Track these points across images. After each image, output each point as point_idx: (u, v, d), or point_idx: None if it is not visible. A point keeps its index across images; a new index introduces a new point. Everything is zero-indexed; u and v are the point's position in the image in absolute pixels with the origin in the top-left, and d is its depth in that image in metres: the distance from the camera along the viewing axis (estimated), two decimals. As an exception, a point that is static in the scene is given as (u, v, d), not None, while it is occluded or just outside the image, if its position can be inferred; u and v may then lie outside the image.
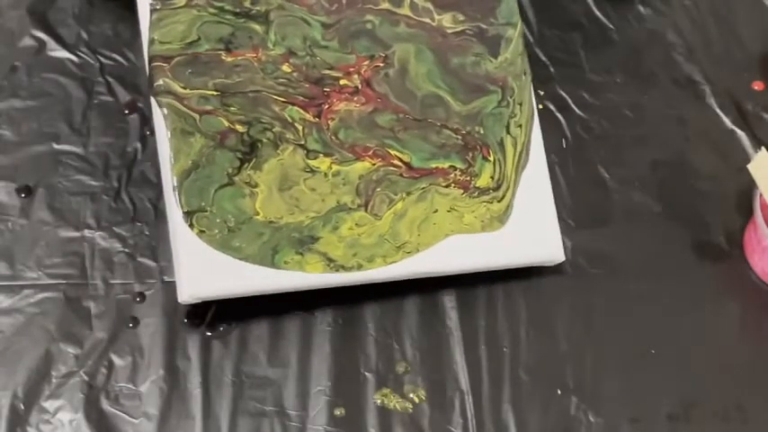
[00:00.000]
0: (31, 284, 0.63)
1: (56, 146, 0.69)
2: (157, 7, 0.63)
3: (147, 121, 0.70)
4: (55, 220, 0.66)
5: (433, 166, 0.65)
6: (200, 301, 0.60)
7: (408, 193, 0.64)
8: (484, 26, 0.69)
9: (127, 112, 0.71)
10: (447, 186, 0.65)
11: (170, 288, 0.64)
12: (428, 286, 0.66)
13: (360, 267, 0.62)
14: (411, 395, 0.62)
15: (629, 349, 0.65)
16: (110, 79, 0.72)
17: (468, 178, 0.65)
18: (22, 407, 0.59)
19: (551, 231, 0.67)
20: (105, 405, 0.60)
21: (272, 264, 0.60)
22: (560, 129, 0.75)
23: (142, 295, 0.64)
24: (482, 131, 0.67)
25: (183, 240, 0.59)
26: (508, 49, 0.69)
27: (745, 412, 0.64)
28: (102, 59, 0.73)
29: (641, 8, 0.82)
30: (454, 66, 0.68)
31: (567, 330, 0.66)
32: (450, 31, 0.69)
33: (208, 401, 0.61)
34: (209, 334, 0.63)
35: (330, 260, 0.61)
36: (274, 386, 0.62)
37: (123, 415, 0.60)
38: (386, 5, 0.68)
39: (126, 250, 0.65)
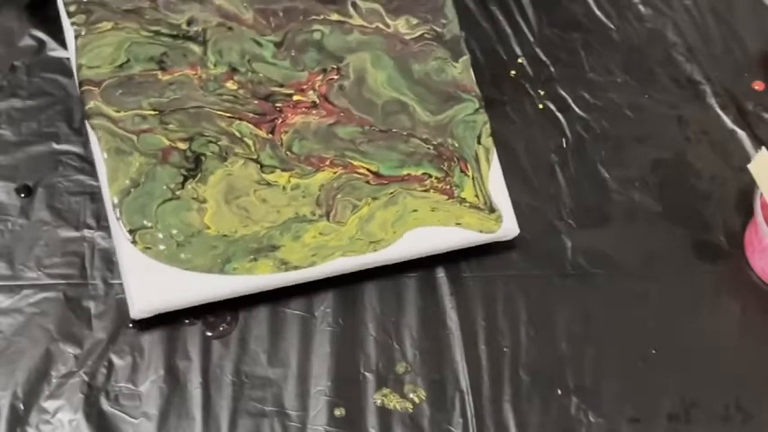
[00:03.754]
0: (30, 284, 0.63)
1: (56, 146, 0.69)
2: (82, 33, 0.63)
3: (146, 120, 0.70)
4: (55, 220, 0.66)
5: (405, 173, 0.64)
6: (151, 314, 0.60)
7: (374, 198, 0.63)
8: (438, 29, 0.68)
9: (127, 111, 0.71)
10: (425, 191, 0.64)
11: (170, 288, 0.64)
12: (429, 286, 0.66)
13: (312, 264, 0.61)
14: (411, 395, 0.62)
15: (629, 349, 0.65)
16: (110, 79, 0.72)
17: (449, 187, 0.64)
18: (22, 407, 0.59)
19: (505, 207, 0.66)
20: (105, 405, 0.60)
21: (222, 272, 0.60)
22: (560, 129, 0.75)
23: (142, 295, 0.63)
24: (456, 144, 0.66)
25: (129, 257, 0.59)
26: (465, 48, 0.69)
27: (745, 412, 0.64)
28: (101, 59, 0.73)
29: (641, 8, 0.82)
30: (419, 75, 0.67)
31: (567, 330, 0.66)
32: (408, 37, 0.67)
33: (208, 401, 0.61)
34: (210, 334, 0.63)
35: (284, 263, 0.61)
36: (274, 386, 0.62)
37: (123, 415, 0.60)
38: (335, 17, 0.66)
39: (126, 250, 0.65)
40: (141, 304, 0.59)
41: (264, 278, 0.60)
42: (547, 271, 0.68)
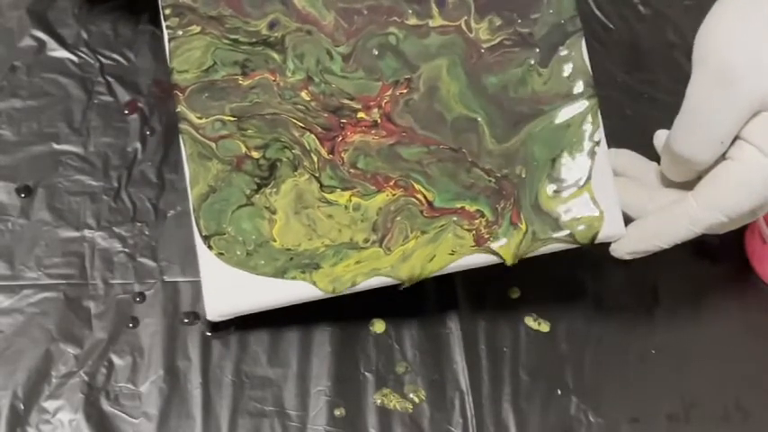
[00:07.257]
0: (31, 284, 0.63)
1: (56, 146, 0.69)
2: (176, 34, 0.63)
3: (147, 120, 0.70)
4: (55, 220, 0.66)
5: (458, 206, 0.62)
6: (225, 318, 0.61)
7: (423, 232, 0.62)
8: (523, 29, 0.63)
9: (127, 112, 0.71)
10: (468, 230, 0.61)
11: (170, 288, 0.64)
12: (428, 286, 0.66)
13: (334, 291, 0.61)
14: (411, 395, 0.62)
15: (629, 349, 0.65)
16: (110, 79, 0.72)
17: (488, 236, 0.61)
18: (22, 407, 0.59)
19: (609, 206, 0.62)
20: (105, 405, 0.60)
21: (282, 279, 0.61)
22: (560, 129, 0.75)
23: (142, 295, 0.64)
24: (523, 174, 0.62)
25: (204, 262, 0.61)
26: (562, 51, 0.63)
27: (745, 412, 0.64)
28: (102, 59, 0.73)
29: (641, 8, 0.82)
30: (494, 89, 0.63)
31: (567, 330, 0.66)
32: (486, 45, 0.63)
33: (208, 401, 0.61)
34: (209, 334, 0.63)
35: (314, 283, 0.61)
36: (274, 386, 0.62)
37: (123, 415, 0.60)
38: (413, 21, 0.63)
39: (126, 250, 0.65)
40: (215, 307, 0.61)
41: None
42: (546, 271, 0.68)
